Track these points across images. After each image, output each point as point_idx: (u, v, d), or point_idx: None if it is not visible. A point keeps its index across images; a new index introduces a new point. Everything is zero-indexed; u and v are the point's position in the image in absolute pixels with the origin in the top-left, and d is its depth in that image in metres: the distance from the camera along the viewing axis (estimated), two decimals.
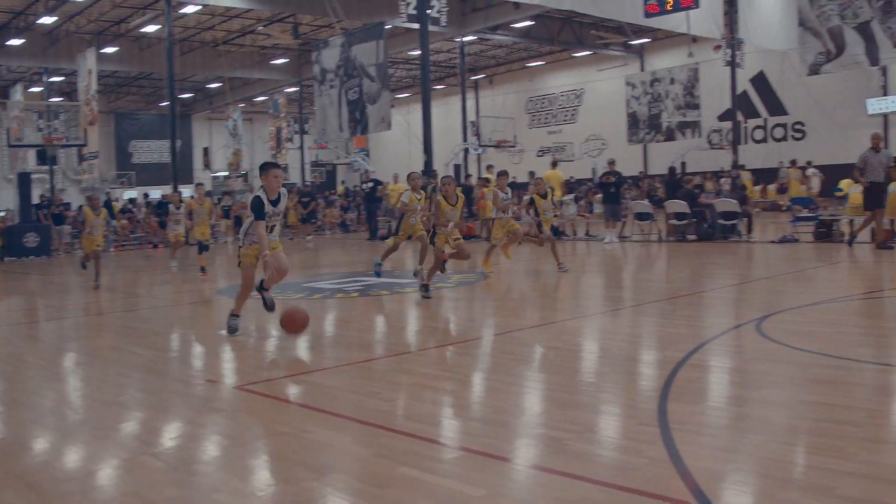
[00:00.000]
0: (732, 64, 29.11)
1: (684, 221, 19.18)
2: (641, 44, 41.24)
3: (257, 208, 7.90)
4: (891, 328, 7.89)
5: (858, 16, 18.40)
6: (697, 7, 23.37)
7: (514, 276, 13.99)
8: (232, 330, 8.35)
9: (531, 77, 48.17)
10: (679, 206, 19.22)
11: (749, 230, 18.96)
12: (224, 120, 46.28)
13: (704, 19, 25.88)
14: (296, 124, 45.97)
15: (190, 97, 50.68)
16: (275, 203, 8.09)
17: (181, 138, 43.57)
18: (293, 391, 6.16)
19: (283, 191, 8.21)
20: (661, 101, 30.89)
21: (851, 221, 17.26)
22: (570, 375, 6.22)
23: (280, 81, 44.01)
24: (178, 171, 29.36)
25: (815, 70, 19.02)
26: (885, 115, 35.56)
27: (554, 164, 25.27)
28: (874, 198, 15.35)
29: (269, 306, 8.27)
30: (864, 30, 18.27)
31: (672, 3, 22.56)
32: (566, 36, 38.85)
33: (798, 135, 37.69)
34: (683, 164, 35.43)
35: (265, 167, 8.20)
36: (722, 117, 34.68)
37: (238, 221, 25.96)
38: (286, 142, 42.91)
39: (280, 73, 42.89)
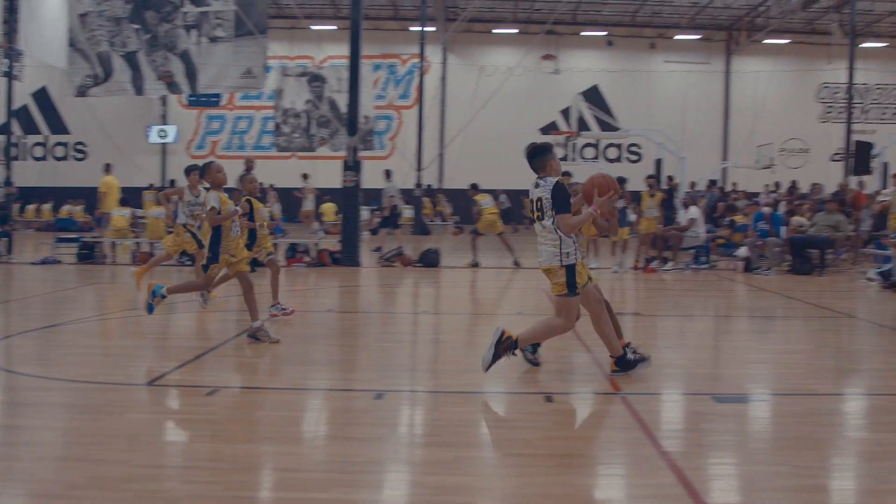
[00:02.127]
0: (10, 75, 27.62)
1: None
2: None
3: None
4: (126, 347, 8.12)
5: (127, 45, 19.14)
6: None
7: None
8: None
9: None
10: None
11: (9, 250, 18.30)
12: None
13: None
14: None
15: None
16: None
17: None
18: None
19: None
20: None
21: (114, 244, 17.83)
22: None
23: None
24: None
25: (82, 92, 19.21)
26: (165, 144, 37.71)
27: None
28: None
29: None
30: (131, 59, 19.06)
31: None
32: None
33: (80, 155, 37.66)
34: None
35: None
36: None
37: None
38: None
39: None
